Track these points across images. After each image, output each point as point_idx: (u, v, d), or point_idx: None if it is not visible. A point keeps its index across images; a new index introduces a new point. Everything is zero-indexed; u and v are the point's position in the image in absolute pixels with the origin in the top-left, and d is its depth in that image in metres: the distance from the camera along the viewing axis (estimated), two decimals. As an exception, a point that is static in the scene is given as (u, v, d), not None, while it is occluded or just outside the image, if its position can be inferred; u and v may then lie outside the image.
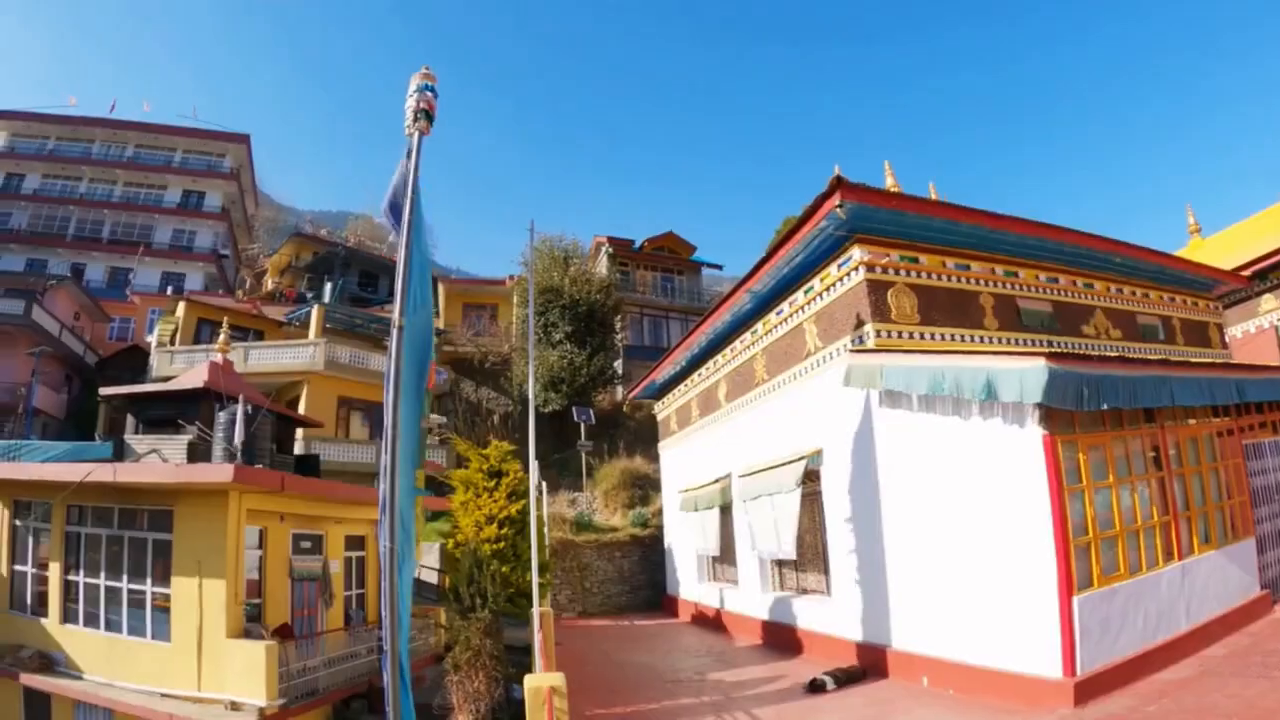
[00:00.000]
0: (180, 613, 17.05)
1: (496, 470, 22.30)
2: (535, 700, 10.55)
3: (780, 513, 19.41)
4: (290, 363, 35.44)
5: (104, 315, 51.30)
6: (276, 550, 18.56)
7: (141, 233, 61.45)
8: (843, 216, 15.94)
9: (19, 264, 57.85)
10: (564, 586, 30.21)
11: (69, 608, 19.15)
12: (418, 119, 7.80)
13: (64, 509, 19.38)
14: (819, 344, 18.68)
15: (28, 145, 64.67)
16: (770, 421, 21.59)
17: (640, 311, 48.97)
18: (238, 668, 16.12)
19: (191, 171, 64.53)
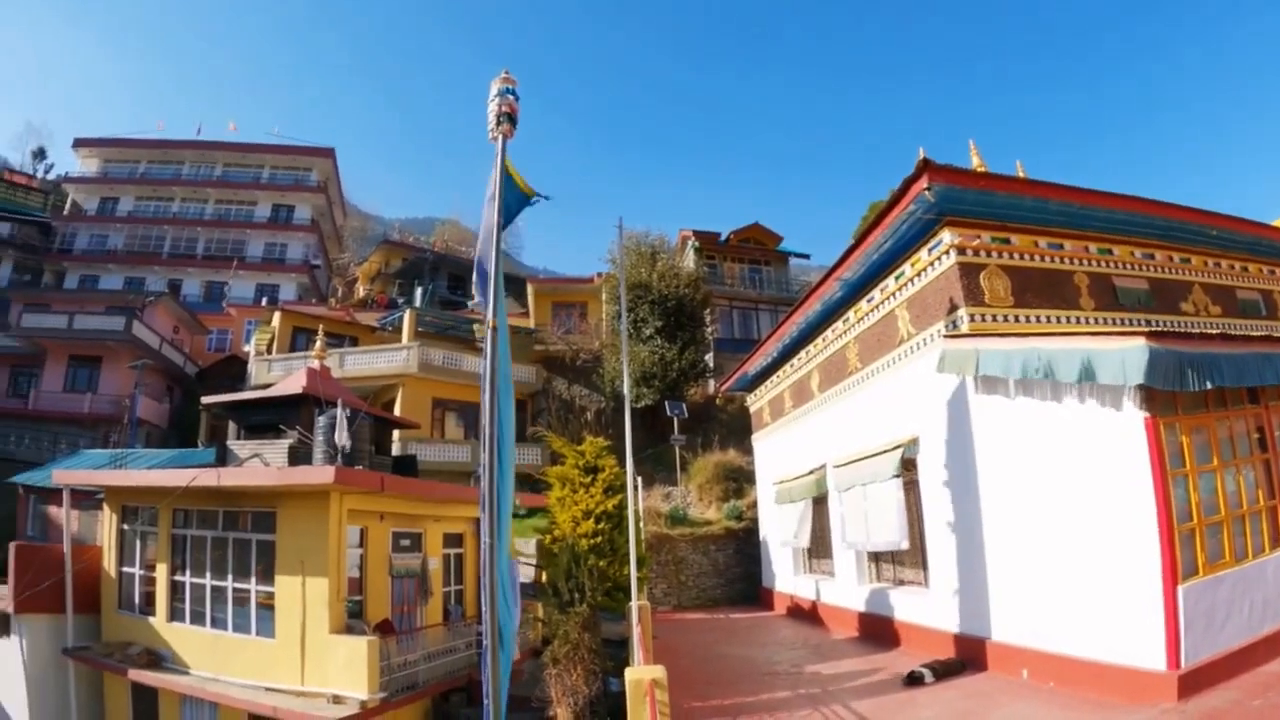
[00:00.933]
0: (284, 610, 17.84)
1: (592, 466, 22.61)
2: (636, 693, 10.71)
3: (872, 503, 19.37)
4: (385, 367, 36.47)
5: (202, 328, 53.81)
6: (377, 548, 19.23)
7: (235, 247, 64.11)
8: (931, 199, 15.85)
9: (118, 283, 61.15)
10: (659, 580, 30.51)
11: (175, 607, 20.20)
12: (500, 123, 7.94)
13: (170, 513, 20.40)
14: (912, 330, 18.57)
15: (120, 170, 68.53)
16: (864, 410, 21.51)
17: (729, 304, 49.00)
18: (340, 662, 16.77)
19: (280, 187, 67.09)
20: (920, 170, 15.64)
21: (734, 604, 31.07)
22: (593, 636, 17.94)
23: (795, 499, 26.19)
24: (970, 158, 18.52)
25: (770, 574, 30.29)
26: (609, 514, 21.75)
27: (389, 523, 19.77)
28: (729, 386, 34.99)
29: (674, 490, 36.15)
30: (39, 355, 45.65)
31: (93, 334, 43.85)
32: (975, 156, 18.57)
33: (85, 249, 65.17)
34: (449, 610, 22.00)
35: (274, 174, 68.09)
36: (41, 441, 40.73)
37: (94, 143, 69.58)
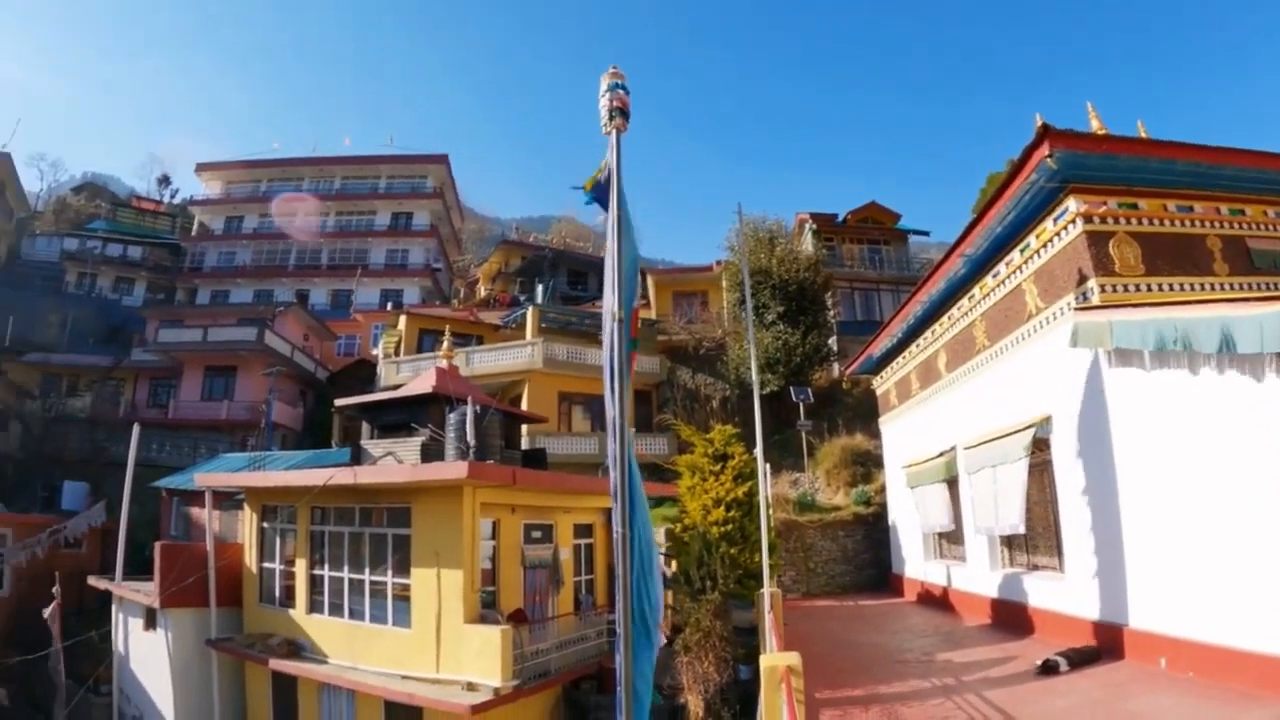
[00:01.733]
0: (420, 601, 18.65)
1: (721, 454, 22.81)
2: (771, 679, 10.66)
3: (1002, 485, 18.96)
4: (510, 363, 37.38)
5: (330, 334, 56.29)
6: (509, 540, 19.84)
7: (358, 256, 66.86)
8: (1053, 166, 15.49)
9: (247, 296, 64.68)
10: (788, 567, 30.47)
11: (314, 599, 21.43)
12: (613, 117, 8.00)
13: (309, 510, 21.59)
14: (1040, 304, 18.17)
15: (242, 190, 73.02)
16: (993, 389, 21.12)
17: (850, 286, 48.48)
18: (474, 651, 17.42)
19: (397, 195, 69.71)
20: (1040, 137, 15.31)
21: (863, 591, 30.87)
22: (724, 624, 18.14)
23: (925, 483, 25.87)
24: (1089, 121, 17.97)
25: (900, 559, 30.01)
26: (739, 501, 21.88)
27: (520, 515, 20.36)
28: (854, 370, 34.68)
29: (801, 476, 36.01)
30: (176, 368, 48.74)
31: (227, 345, 46.53)
32: (1094, 119, 18.00)
33: (214, 266, 69.56)
34: (580, 599, 22.47)
35: (391, 183, 70.63)
36: (182, 447, 43.22)
37: (215, 166, 74.20)
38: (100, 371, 51.46)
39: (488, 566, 19.28)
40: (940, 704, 13.51)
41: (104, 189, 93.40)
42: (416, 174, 71.34)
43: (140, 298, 66.76)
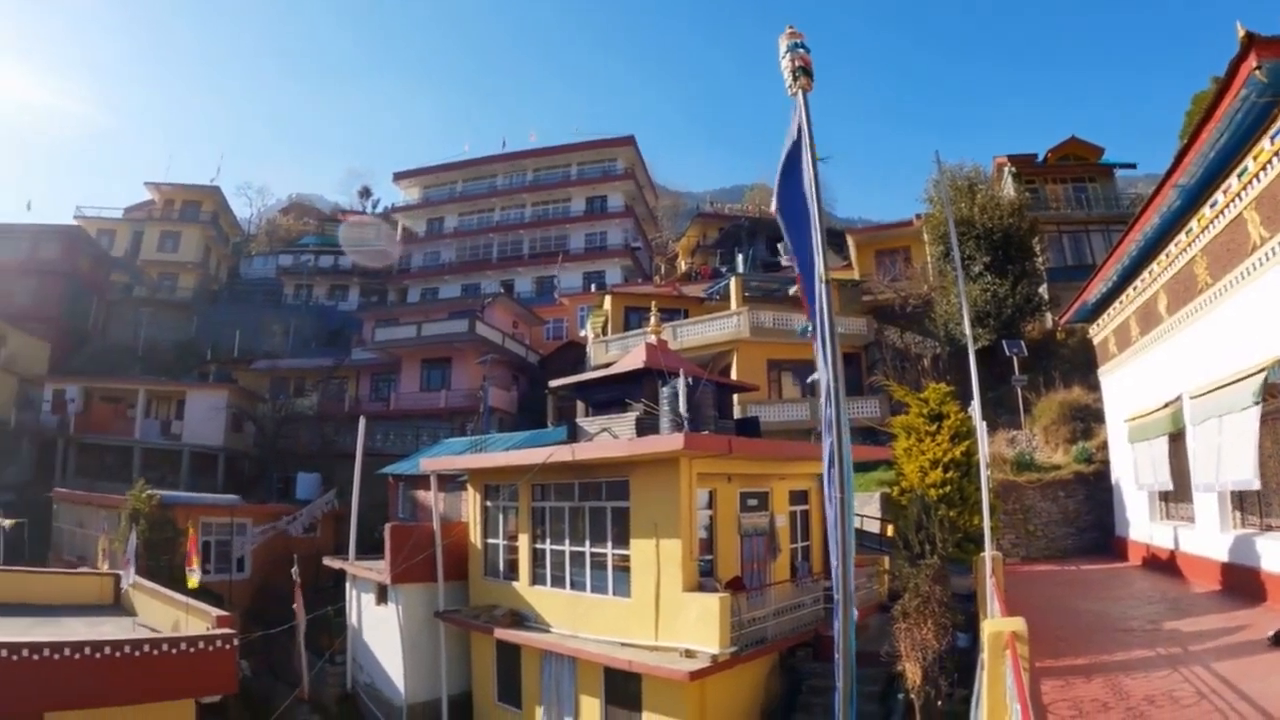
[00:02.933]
0: (639, 571, 19.35)
1: (936, 413, 22.59)
2: (995, 645, 10.25)
3: (1228, 436, 17.64)
4: (717, 334, 37.86)
5: (538, 319, 58.89)
6: (725, 509, 20.28)
7: (557, 243, 69.06)
8: (1263, 79, 14.33)
9: (455, 291, 68.48)
10: (1006, 530, 29.44)
11: (537, 572, 22.64)
12: (797, 78, 8.09)
13: (529, 488, 22.74)
14: (1264, 234, 16.90)
15: (439, 193, 77.34)
16: (1218, 331, 19.63)
17: (1057, 229, 46.18)
18: (692, 618, 17.93)
19: (589, 180, 71.56)
20: (1246, 47, 14.20)
21: (1085, 554, 29.41)
22: (944, 589, 17.91)
23: (1149, 437, 24.37)
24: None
25: (1124, 521, 28.43)
26: (956, 462, 21.62)
27: (736, 483, 20.76)
28: (1068, 319, 33.14)
29: (1018, 434, 34.80)
30: (394, 363, 52.30)
31: (440, 338, 49.16)
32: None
33: (421, 266, 74.24)
34: (796, 567, 22.75)
35: (582, 169, 72.66)
36: (404, 436, 46.51)
37: (412, 174, 78.78)
38: (324, 372, 56.08)
39: (705, 535, 19.78)
40: (1166, 676, 12.86)
41: (310, 207, 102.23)
42: (605, 158, 73.04)
43: (355, 302, 72.30)
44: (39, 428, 51.14)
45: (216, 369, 59.49)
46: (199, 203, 77.91)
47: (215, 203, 79.66)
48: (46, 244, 64.01)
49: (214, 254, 77.77)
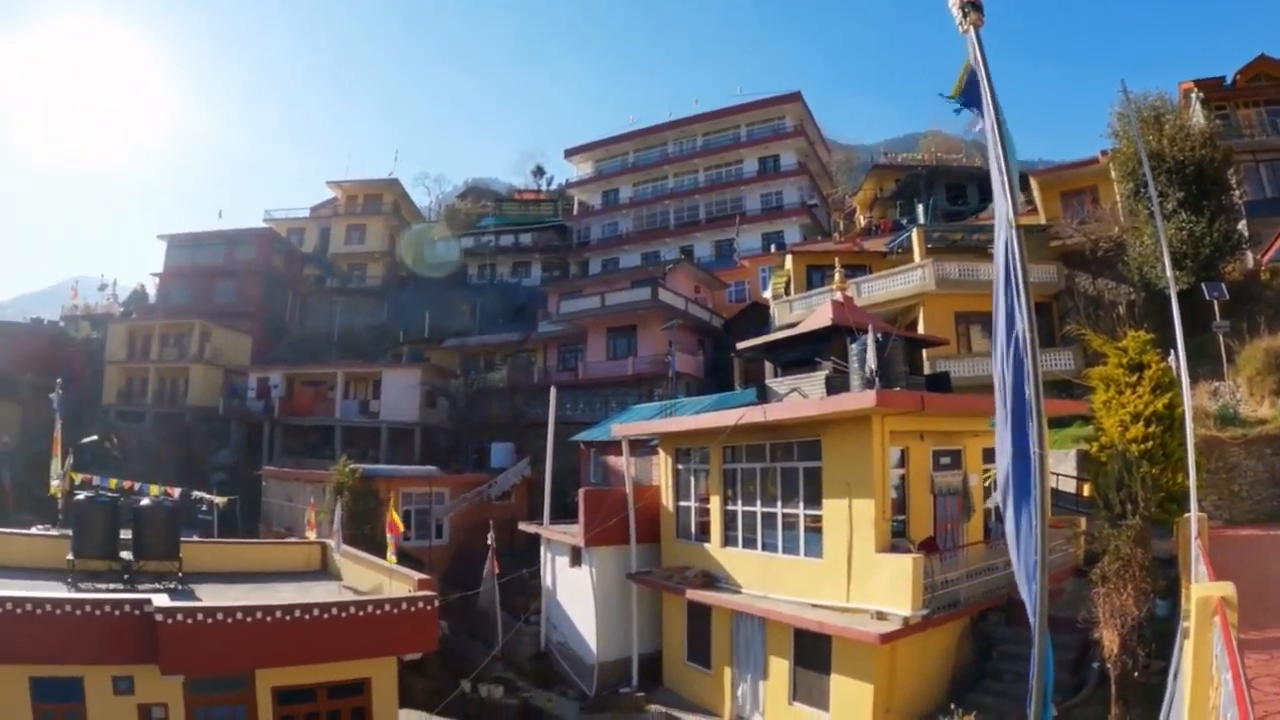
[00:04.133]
0: (831, 531, 18.98)
1: (1136, 363, 21.36)
2: (1203, 611, 9.50)
3: None
4: (901, 288, 36.66)
5: (719, 283, 58.34)
6: (918, 467, 19.64)
7: (733, 205, 68.27)
8: None
9: (635, 260, 68.75)
10: (1208, 490, 26.80)
11: (728, 534, 22.59)
12: (967, 13, 7.55)
13: (720, 450, 22.71)
14: None
15: (611, 165, 77.71)
16: None
17: (1253, 158, 41.81)
18: (884, 580, 17.46)
19: (759, 140, 70.13)
20: None
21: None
22: (1145, 552, 16.80)
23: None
24: None
25: (1340, 482, 25.87)
26: (1159, 415, 20.44)
27: (929, 441, 20.11)
28: (1270, 257, 30.53)
29: (1219, 386, 31.84)
30: (580, 334, 53.10)
31: (624, 307, 49.36)
32: None
33: (600, 238, 74.88)
34: (989, 527, 21.79)
35: (751, 130, 71.24)
36: (593, 404, 47.13)
37: (582, 149, 79.14)
38: (511, 346, 57.45)
39: (896, 495, 19.27)
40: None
41: (486, 190, 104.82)
42: (773, 117, 71.34)
43: (537, 277, 73.24)
44: (246, 413, 55.82)
45: (409, 349, 61.86)
46: (380, 196, 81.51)
47: (395, 194, 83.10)
48: (242, 247, 70.15)
49: (399, 242, 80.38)
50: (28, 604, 15.33)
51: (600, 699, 24.53)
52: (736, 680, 21.37)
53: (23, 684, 15.64)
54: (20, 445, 52.85)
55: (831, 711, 18.21)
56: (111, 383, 60.47)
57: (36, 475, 45.65)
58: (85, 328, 71.52)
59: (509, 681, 26.22)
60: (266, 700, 17.13)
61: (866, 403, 17.19)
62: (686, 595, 22.67)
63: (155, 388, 59.46)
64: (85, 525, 20.00)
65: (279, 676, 17.16)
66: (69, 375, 46.45)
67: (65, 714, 15.88)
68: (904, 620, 16.71)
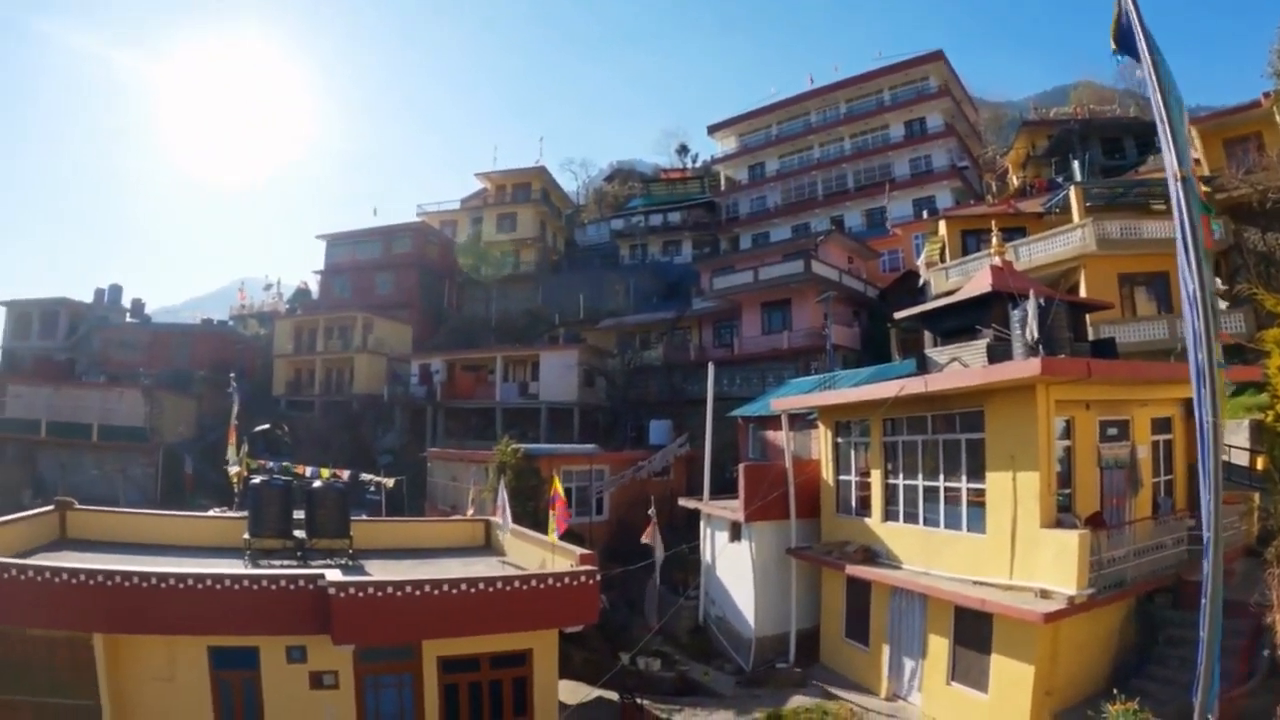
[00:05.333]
0: (994, 505, 18.41)
1: (1315, 324, 19.84)
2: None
3: None
4: (1060, 250, 34.86)
5: (872, 253, 57.07)
6: (1084, 439, 18.77)
7: (881, 172, 66.89)
8: None
9: (785, 233, 68.00)
10: None
11: (888, 508, 22.21)
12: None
13: (880, 423, 22.46)
14: None
15: (755, 139, 77.26)
16: None
17: None
18: (1048, 557, 16.83)
19: (903, 104, 68.21)
20: None
21: None
22: (1325, 530, 15.65)
23: None
24: None
25: None
26: (1343, 382, 18.89)
27: (1095, 411, 19.22)
28: None
29: None
30: (734, 309, 52.65)
31: (777, 280, 48.71)
32: None
33: (749, 213, 74.59)
34: (1158, 503, 20.65)
35: (894, 94, 69.34)
36: (750, 379, 47.10)
37: (725, 124, 78.95)
38: (666, 324, 57.66)
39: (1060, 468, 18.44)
40: None
41: (632, 171, 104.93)
42: (915, 78, 68.94)
43: (688, 255, 73.62)
44: (409, 399, 58.07)
45: (565, 331, 62.51)
46: (528, 184, 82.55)
47: (543, 181, 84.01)
48: (398, 241, 73.05)
49: (549, 227, 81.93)
50: (208, 580, 16.69)
51: (757, 673, 24.61)
52: (894, 658, 21.05)
53: (202, 653, 17.14)
54: (197, 436, 56.62)
55: (990, 693, 17.71)
56: (281, 375, 64.13)
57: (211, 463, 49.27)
58: (253, 325, 76.53)
59: (666, 655, 26.60)
60: (432, 669, 18.22)
61: (1030, 371, 16.61)
62: (846, 571, 22.40)
63: (322, 378, 62.51)
64: (261, 507, 21.55)
65: (444, 647, 18.15)
66: (241, 370, 49.24)
67: (241, 681, 17.36)
68: (1069, 599, 16.08)
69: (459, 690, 18.46)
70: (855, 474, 24.17)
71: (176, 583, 16.42)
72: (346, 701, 17.67)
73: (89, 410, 52.11)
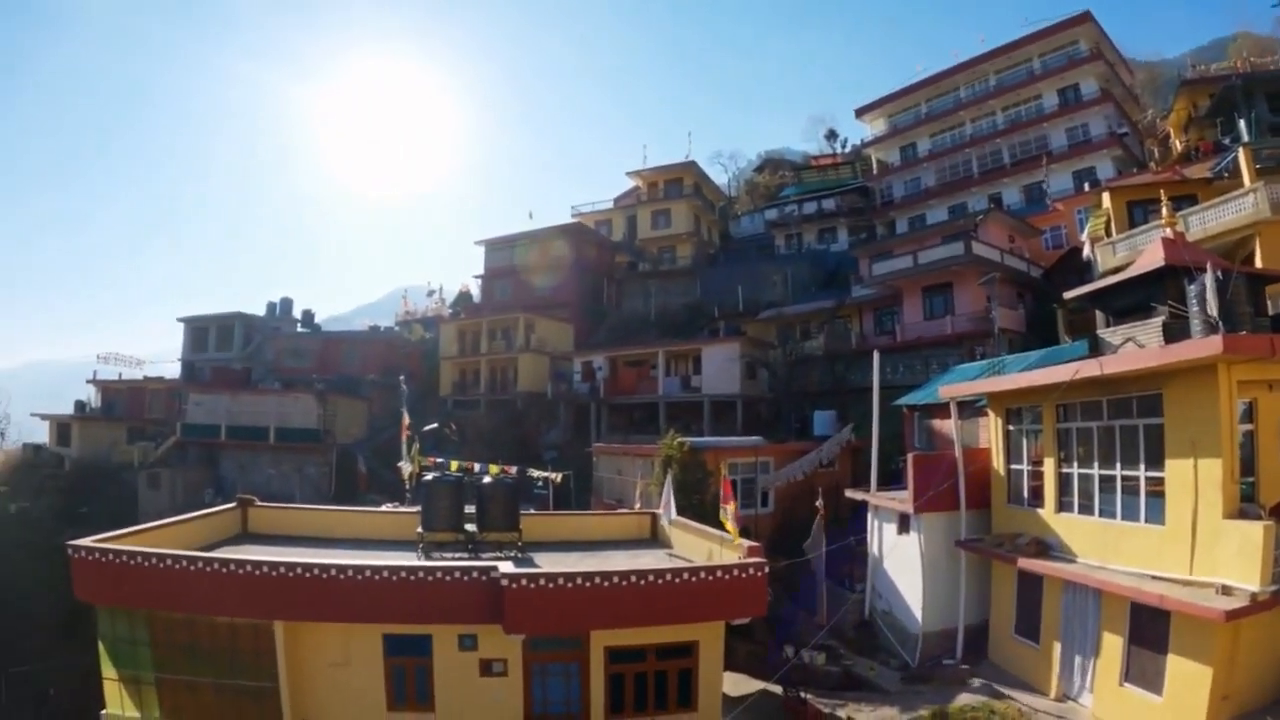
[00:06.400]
0: (1173, 495, 17.34)
1: None
2: None
3: None
4: (1232, 218, 32.15)
5: (1033, 230, 54.08)
6: (1267, 422, 17.49)
7: (1037, 144, 63.67)
8: None
9: (942, 215, 65.34)
10: None
11: (1062, 498, 21.11)
12: None
13: (1053, 409, 21.36)
14: None
15: (904, 119, 74.80)
16: None
17: None
18: (1230, 550, 15.82)
19: (1054, 71, 64.66)
20: None
21: None
22: None
23: None
24: None
25: None
26: None
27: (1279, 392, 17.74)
28: None
29: None
30: (894, 295, 51.29)
31: (937, 264, 47.01)
32: None
33: (903, 195, 72.30)
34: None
35: (1043, 62, 65.73)
36: (913, 366, 45.51)
37: (873, 106, 76.65)
38: (826, 313, 56.56)
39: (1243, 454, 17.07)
40: None
41: (782, 160, 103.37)
42: (1064, 43, 65.05)
43: (844, 242, 71.87)
44: (573, 395, 59.08)
45: (725, 324, 62.42)
46: (679, 179, 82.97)
47: (694, 175, 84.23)
48: (555, 242, 74.03)
49: (703, 221, 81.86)
50: (384, 571, 17.49)
51: (923, 670, 24.02)
52: (1065, 657, 20.14)
53: (377, 640, 18.10)
54: (368, 436, 59.51)
55: (1165, 695, 16.73)
56: (447, 376, 66.45)
57: (382, 462, 51.20)
58: (418, 330, 79.68)
59: (832, 649, 26.20)
60: (599, 659, 18.48)
61: (1211, 350, 15.63)
62: (1018, 564, 21.55)
63: (487, 377, 64.33)
64: (434, 502, 22.36)
65: (612, 638, 18.39)
66: (409, 373, 51.03)
67: (414, 667, 18.21)
68: (1251, 596, 15.00)
69: (624, 680, 18.65)
70: (1027, 463, 23.18)
71: (354, 574, 17.39)
72: (514, 689, 18.23)
73: (266, 414, 55.64)
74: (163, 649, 18.16)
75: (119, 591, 18.07)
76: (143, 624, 18.23)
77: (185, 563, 17.73)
